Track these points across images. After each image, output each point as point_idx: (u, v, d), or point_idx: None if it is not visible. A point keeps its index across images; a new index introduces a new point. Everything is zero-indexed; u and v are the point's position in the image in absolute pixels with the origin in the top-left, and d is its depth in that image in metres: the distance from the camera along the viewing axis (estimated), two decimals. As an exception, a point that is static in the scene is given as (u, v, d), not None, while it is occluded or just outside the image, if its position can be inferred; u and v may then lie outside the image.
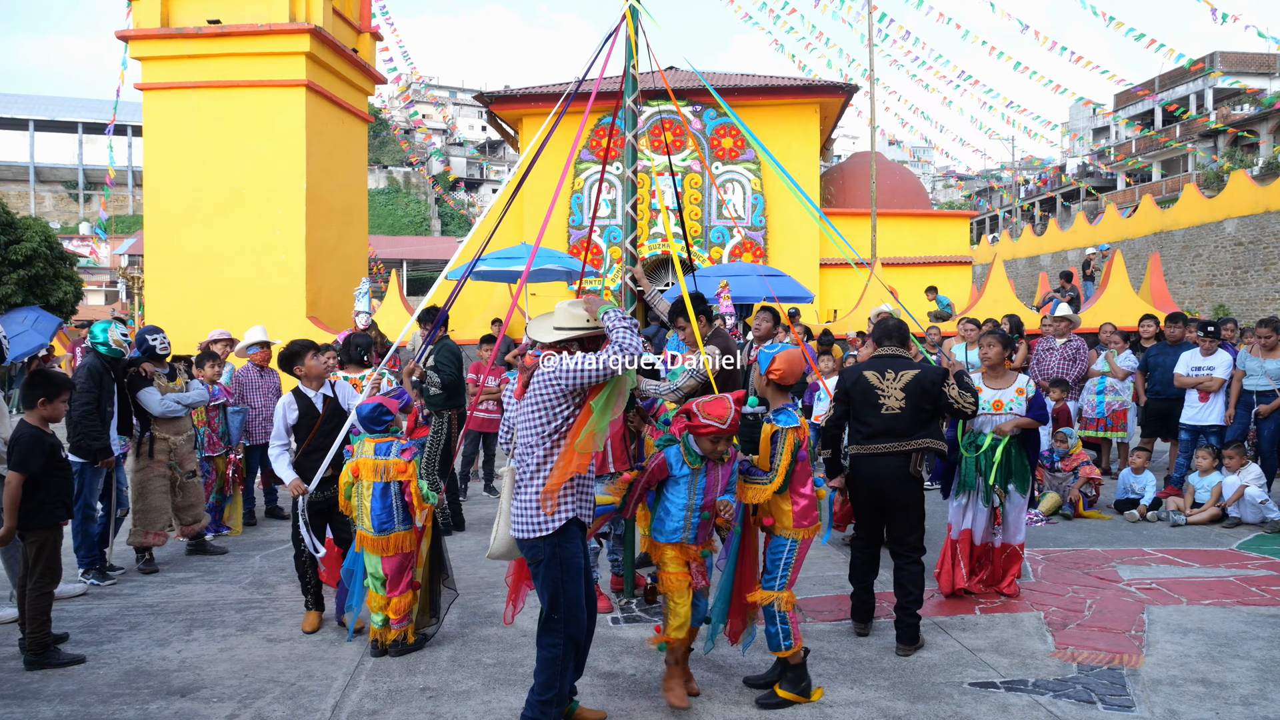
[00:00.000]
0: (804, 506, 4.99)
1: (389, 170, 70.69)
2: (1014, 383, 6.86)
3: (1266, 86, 41.35)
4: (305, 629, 6.13)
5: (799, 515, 4.98)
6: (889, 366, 5.97)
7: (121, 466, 7.82)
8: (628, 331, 4.31)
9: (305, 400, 6.33)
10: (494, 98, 20.74)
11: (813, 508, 5.03)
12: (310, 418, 6.27)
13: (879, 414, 5.84)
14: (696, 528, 4.84)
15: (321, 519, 6.25)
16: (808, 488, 5.02)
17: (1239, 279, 28.04)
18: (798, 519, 4.98)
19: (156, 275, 18.79)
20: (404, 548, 5.76)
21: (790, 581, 4.99)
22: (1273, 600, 6.62)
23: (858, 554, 6.09)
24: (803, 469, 5.00)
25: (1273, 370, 9.69)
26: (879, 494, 5.85)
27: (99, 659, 5.61)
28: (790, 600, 4.96)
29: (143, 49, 18.74)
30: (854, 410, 5.99)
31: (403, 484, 5.74)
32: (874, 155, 21.65)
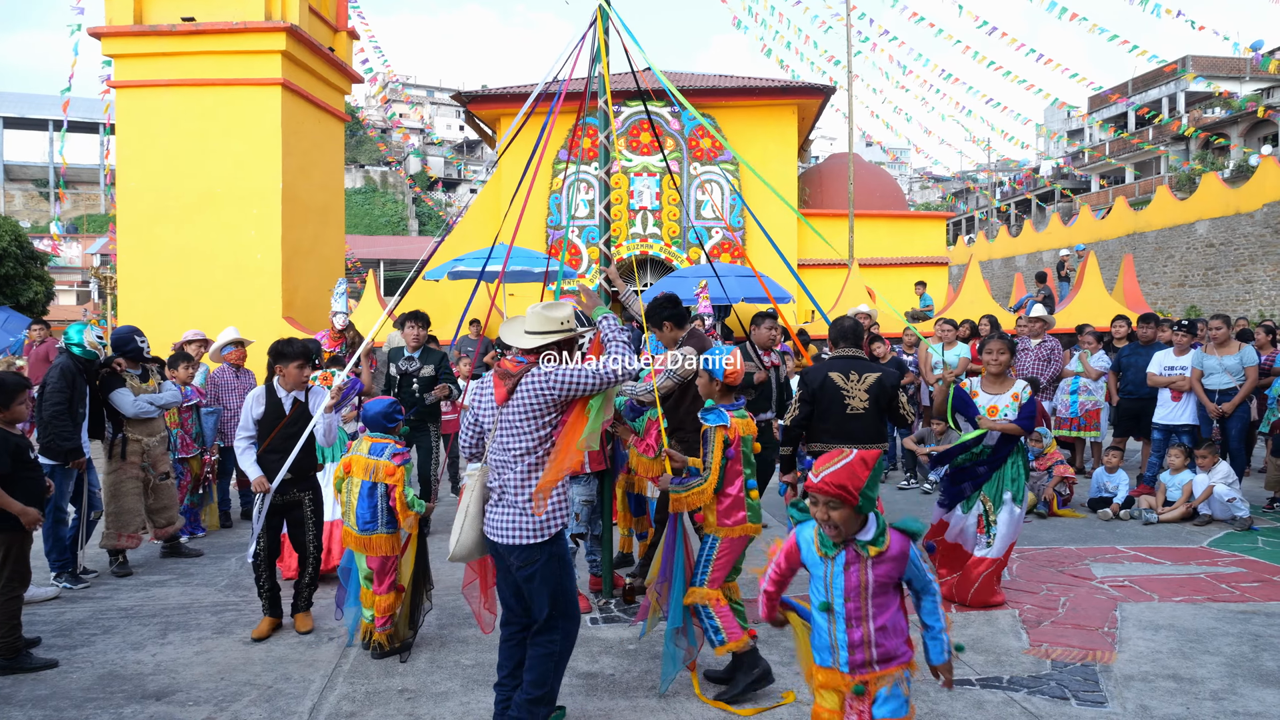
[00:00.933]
0: (727, 505, 5.04)
1: (366, 170, 70.41)
2: (1011, 388, 6.69)
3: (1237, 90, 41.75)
4: (254, 636, 5.95)
5: (722, 513, 5.05)
6: (852, 368, 6.26)
7: (93, 468, 7.76)
8: (624, 344, 4.44)
9: (274, 399, 6.19)
10: (471, 97, 20.71)
11: (737, 508, 5.05)
12: (275, 417, 6.14)
13: (844, 414, 6.18)
14: (849, 648, 3.46)
15: (278, 518, 6.15)
16: (734, 487, 5.05)
17: (1210, 280, 28.30)
18: (720, 517, 5.05)
19: (130, 275, 18.62)
20: (384, 550, 5.77)
21: (714, 579, 5.04)
22: (1242, 597, 6.71)
23: None
24: (731, 468, 5.04)
25: (1231, 365, 9.84)
26: None
27: (72, 663, 5.57)
28: (710, 596, 5.00)
29: (116, 46, 18.56)
30: (819, 410, 6.25)
31: (389, 487, 5.75)
32: (851, 156, 21.74)
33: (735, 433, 5.03)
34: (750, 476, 5.10)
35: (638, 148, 19.97)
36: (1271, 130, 37.98)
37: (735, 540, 5.08)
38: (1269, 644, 5.70)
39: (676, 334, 6.69)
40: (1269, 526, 9.01)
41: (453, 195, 73.58)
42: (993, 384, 6.77)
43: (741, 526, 5.06)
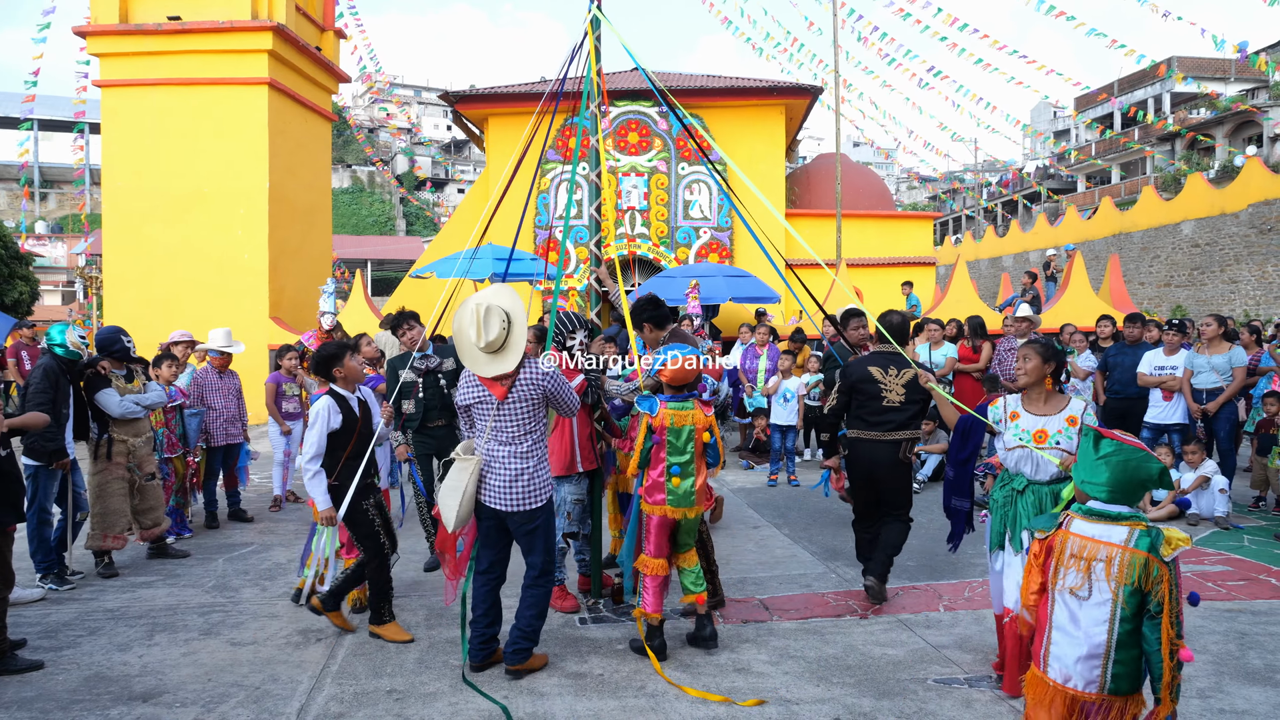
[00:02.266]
0: (648, 485, 5.63)
1: (353, 169, 70.23)
2: (1064, 408, 4.99)
3: (1222, 91, 41.98)
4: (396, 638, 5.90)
5: (644, 492, 5.65)
6: (891, 363, 6.53)
7: (78, 469, 7.71)
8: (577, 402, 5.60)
9: (345, 405, 5.89)
10: (460, 97, 20.66)
11: (657, 489, 5.59)
12: (351, 424, 5.87)
13: (880, 405, 6.46)
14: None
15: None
16: (656, 471, 5.59)
17: (1195, 280, 28.46)
18: (644, 494, 5.65)
19: (116, 275, 18.55)
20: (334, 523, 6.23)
21: (649, 549, 5.65)
22: (1229, 595, 6.74)
23: (861, 534, 6.75)
24: (655, 453, 5.60)
25: (1219, 365, 9.90)
26: (873, 475, 6.50)
27: (58, 665, 5.53)
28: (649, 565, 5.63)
29: (101, 45, 18.50)
30: (856, 400, 6.58)
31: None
32: (839, 157, 21.77)
33: (661, 422, 5.56)
34: (676, 464, 5.57)
35: (625, 148, 19.96)
36: (1256, 131, 38.20)
37: (655, 519, 5.61)
38: (1255, 642, 5.73)
39: (657, 335, 6.72)
40: (1254, 525, 9.05)
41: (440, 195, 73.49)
42: (1032, 401, 5.10)
43: (660, 507, 5.57)
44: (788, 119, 21.05)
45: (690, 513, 5.61)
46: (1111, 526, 3.41)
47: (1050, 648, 3.48)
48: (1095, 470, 3.45)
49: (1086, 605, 3.39)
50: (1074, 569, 3.40)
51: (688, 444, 5.58)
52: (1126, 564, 3.33)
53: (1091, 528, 3.43)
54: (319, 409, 5.80)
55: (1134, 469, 3.42)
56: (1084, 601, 3.39)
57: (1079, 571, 3.39)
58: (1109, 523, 3.43)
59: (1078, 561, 3.40)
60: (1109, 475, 3.43)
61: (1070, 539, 3.44)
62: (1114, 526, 3.41)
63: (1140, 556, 3.33)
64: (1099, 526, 3.42)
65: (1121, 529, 3.40)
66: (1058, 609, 3.46)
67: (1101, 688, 3.44)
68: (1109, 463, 3.44)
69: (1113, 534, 3.39)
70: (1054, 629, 3.46)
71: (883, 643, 5.80)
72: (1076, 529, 3.45)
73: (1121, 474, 3.42)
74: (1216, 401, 9.84)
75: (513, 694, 5.02)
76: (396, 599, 6.79)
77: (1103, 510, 3.45)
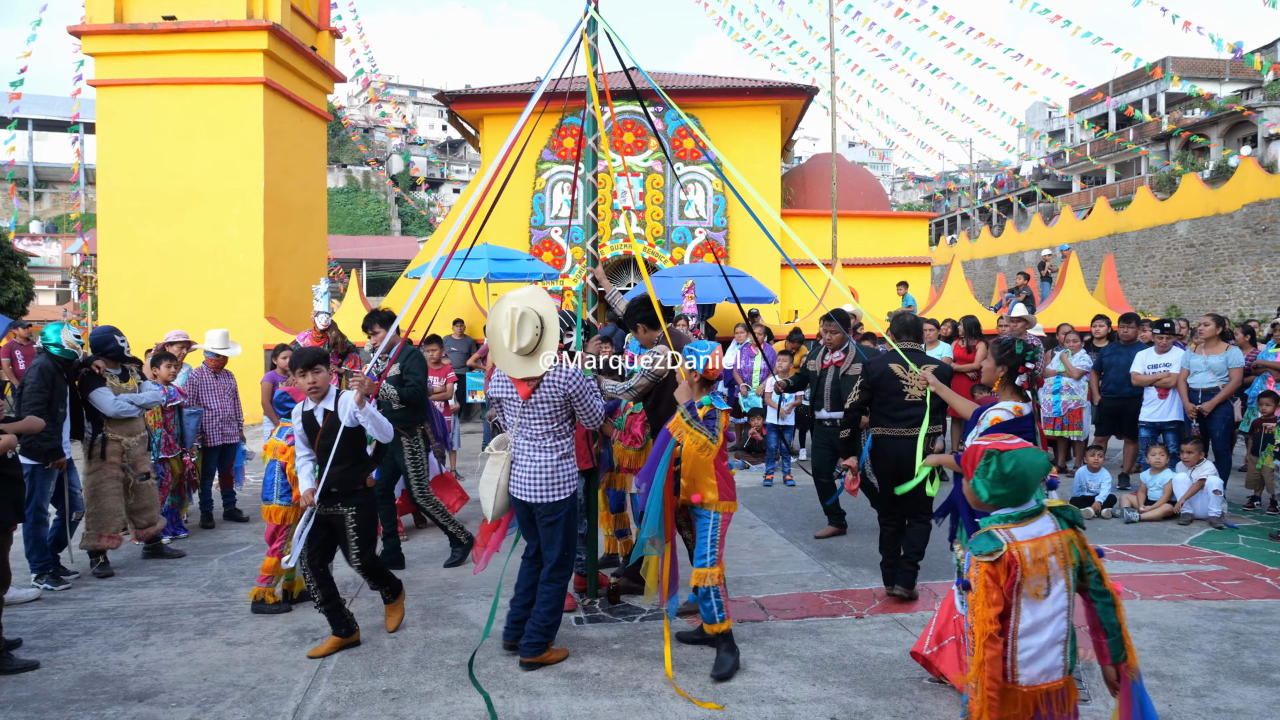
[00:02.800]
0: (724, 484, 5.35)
1: (348, 169, 70.19)
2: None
3: (1217, 91, 42.06)
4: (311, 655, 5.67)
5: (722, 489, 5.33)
6: (911, 360, 6.65)
7: (74, 469, 7.70)
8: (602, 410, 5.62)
9: (307, 411, 5.87)
10: (455, 97, 20.65)
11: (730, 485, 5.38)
12: (312, 430, 5.83)
13: (902, 401, 6.64)
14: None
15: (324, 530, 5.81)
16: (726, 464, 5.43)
17: (1190, 280, 28.52)
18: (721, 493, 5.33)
19: (111, 275, 18.53)
20: (274, 520, 6.62)
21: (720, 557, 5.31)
22: (1223, 595, 6.76)
23: (886, 527, 6.83)
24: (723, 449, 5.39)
25: (1215, 365, 9.94)
26: (898, 469, 6.52)
27: (54, 664, 5.53)
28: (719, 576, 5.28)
29: (96, 45, 18.48)
30: (878, 397, 6.73)
31: (283, 464, 6.46)
32: (834, 157, 21.78)
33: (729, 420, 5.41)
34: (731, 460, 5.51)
35: (621, 148, 19.95)
36: (1251, 131, 38.27)
37: (727, 518, 5.41)
38: (1250, 641, 5.75)
39: (652, 335, 6.72)
40: (1249, 525, 9.07)
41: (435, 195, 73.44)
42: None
43: (730, 503, 5.39)
44: (783, 119, 21.06)
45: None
46: (1037, 521, 3.50)
47: (1018, 656, 3.48)
48: (998, 487, 3.52)
49: (1045, 603, 3.45)
50: (1036, 573, 3.43)
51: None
52: (1068, 546, 3.48)
53: (1028, 529, 3.48)
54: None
55: (1028, 468, 3.50)
56: (1043, 600, 3.45)
57: (1040, 575, 3.43)
58: (1034, 518, 3.51)
59: (1039, 565, 3.42)
60: (1010, 490, 3.50)
61: (1024, 548, 3.43)
62: (1039, 520, 3.51)
63: (1069, 534, 3.51)
64: (1032, 525, 3.49)
65: (1045, 519, 3.51)
66: (1023, 618, 3.46)
67: (1065, 671, 3.54)
68: (1011, 480, 3.50)
69: (1044, 527, 3.49)
70: (1019, 638, 3.47)
71: (878, 642, 5.80)
72: (1022, 536, 3.46)
73: (1022, 480, 3.50)
74: (1212, 401, 9.89)
75: (509, 693, 5.02)
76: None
77: (1020, 512, 3.51)
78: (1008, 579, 3.39)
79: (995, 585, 3.38)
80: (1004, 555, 3.39)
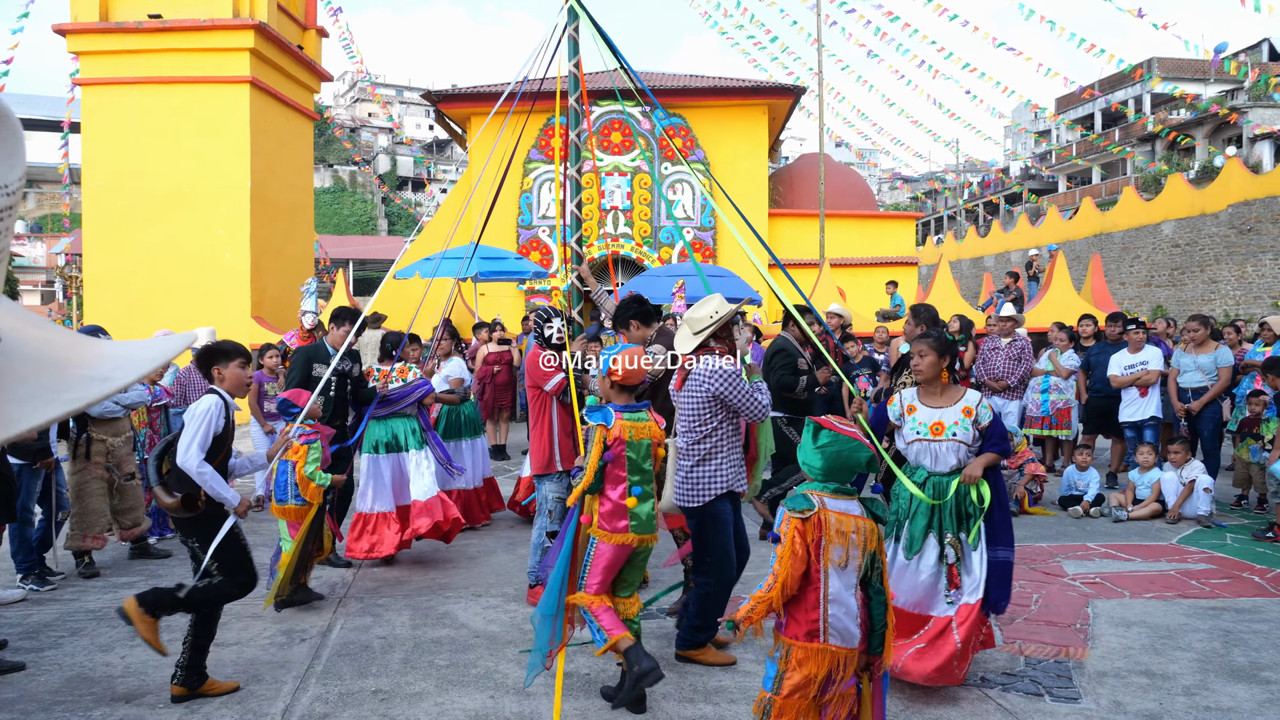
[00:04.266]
0: (608, 510, 4.84)
1: (334, 169, 69.93)
2: (959, 400, 5.17)
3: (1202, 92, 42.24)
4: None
5: (603, 517, 4.85)
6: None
7: (61, 469, 7.65)
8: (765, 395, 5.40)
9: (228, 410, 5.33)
10: (442, 96, 20.61)
11: (619, 515, 4.83)
12: (228, 434, 5.30)
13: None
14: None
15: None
16: (616, 493, 4.83)
17: (1175, 280, 28.62)
18: (602, 520, 4.85)
19: (96, 275, 18.42)
20: (289, 518, 6.57)
21: (591, 584, 4.84)
22: (1212, 593, 6.78)
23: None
24: (611, 471, 4.84)
25: (1205, 364, 9.99)
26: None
27: (39, 666, 5.48)
28: (589, 601, 4.83)
29: (81, 43, 18.36)
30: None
31: (294, 464, 6.46)
32: (822, 156, 21.80)
33: (618, 435, 4.82)
34: (637, 484, 4.86)
35: (609, 147, 19.94)
36: (1236, 132, 38.47)
37: (614, 547, 4.84)
38: (1239, 639, 5.76)
39: (645, 332, 6.68)
40: (1236, 524, 9.11)
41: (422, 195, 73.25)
42: (929, 394, 5.27)
43: (621, 535, 4.83)
44: (771, 119, 21.08)
45: (653, 539, 5.00)
46: (849, 502, 3.76)
47: (829, 620, 3.67)
48: (813, 456, 3.78)
49: (846, 574, 3.69)
50: (838, 544, 3.67)
51: (646, 459, 4.93)
52: (869, 532, 3.75)
53: (839, 503, 3.73)
54: (205, 407, 5.15)
55: (845, 458, 3.75)
56: (844, 571, 3.68)
57: (841, 545, 3.66)
58: (846, 498, 3.76)
59: (842, 537, 3.66)
60: (823, 462, 3.75)
61: (831, 516, 3.68)
62: (850, 501, 3.76)
63: (872, 525, 3.77)
64: (843, 502, 3.74)
65: (854, 503, 3.77)
66: (832, 582, 3.67)
67: (857, 641, 3.75)
68: (824, 452, 3.75)
69: (851, 507, 3.74)
70: (830, 602, 3.67)
71: (869, 641, 5.80)
72: (832, 506, 3.71)
73: (834, 461, 3.75)
74: (1201, 400, 9.93)
75: (499, 693, 5.00)
76: (380, 598, 6.77)
77: (836, 486, 3.78)
78: (813, 538, 3.64)
79: (801, 541, 3.63)
80: (813, 516, 3.64)
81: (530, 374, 6.67)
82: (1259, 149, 36.39)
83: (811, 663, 3.64)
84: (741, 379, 5.28)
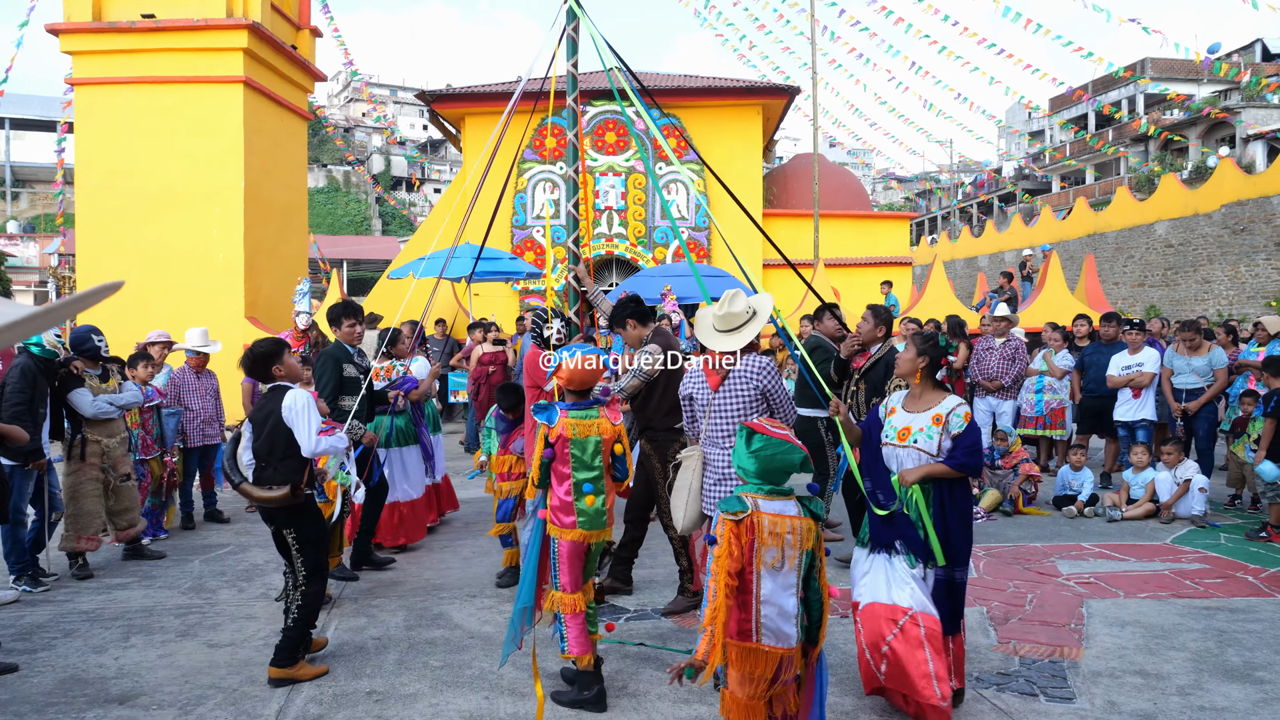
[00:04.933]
0: (555, 507, 4.94)
1: (328, 169, 69.82)
2: (934, 406, 4.89)
3: (1195, 92, 42.33)
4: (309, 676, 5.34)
5: (555, 511, 4.94)
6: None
7: (54, 470, 7.63)
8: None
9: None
10: (436, 96, 20.58)
11: (566, 511, 4.91)
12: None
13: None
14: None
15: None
16: (562, 489, 4.91)
17: (1169, 280, 28.69)
18: (554, 515, 4.95)
19: (89, 275, 18.36)
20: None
21: (564, 583, 4.93)
22: (1206, 593, 6.79)
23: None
24: (556, 469, 4.93)
25: (1199, 366, 10.02)
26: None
27: (33, 667, 5.47)
28: (565, 603, 4.90)
29: (74, 43, 18.30)
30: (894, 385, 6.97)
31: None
32: (816, 157, 21.81)
33: (560, 433, 4.88)
34: (586, 481, 4.92)
35: (603, 147, 19.94)
36: (1229, 132, 38.54)
37: (570, 544, 4.93)
38: (1233, 639, 5.77)
39: (641, 332, 6.67)
40: (1230, 523, 9.12)
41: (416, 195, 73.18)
42: (913, 399, 5.03)
43: (570, 530, 4.91)
44: (765, 119, 21.08)
45: (603, 535, 5.04)
46: (785, 502, 3.81)
47: (762, 621, 3.72)
48: (747, 460, 3.82)
49: (780, 575, 3.73)
50: (772, 545, 3.71)
51: (595, 457, 4.95)
52: (806, 532, 3.80)
53: (773, 504, 3.77)
54: (304, 401, 5.38)
55: (778, 460, 3.80)
56: (778, 572, 3.73)
57: (775, 547, 3.70)
58: (782, 499, 3.81)
59: (775, 538, 3.70)
60: (756, 465, 3.80)
61: (764, 518, 3.72)
62: (786, 502, 3.81)
63: (810, 523, 3.83)
64: (778, 503, 3.77)
65: (791, 503, 3.82)
66: (764, 584, 3.72)
67: (795, 641, 3.81)
68: (758, 456, 3.79)
69: (787, 508, 3.79)
70: (763, 603, 3.72)
71: (864, 641, 5.80)
72: (766, 508, 3.75)
73: (767, 464, 3.80)
74: (1198, 401, 9.96)
75: (494, 694, 5.00)
76: (374, 599, 6.76)
77: (771, 488, 3.82)
78: (747, 540, 3.67)
79: (736, 543, 3.66)
80: (746, 518, 3.68)
81: (529, 374, 6.66)
82: (1252, 149, 36.45)
83: (746, 661, 3.70)
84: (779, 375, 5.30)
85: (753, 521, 3.69)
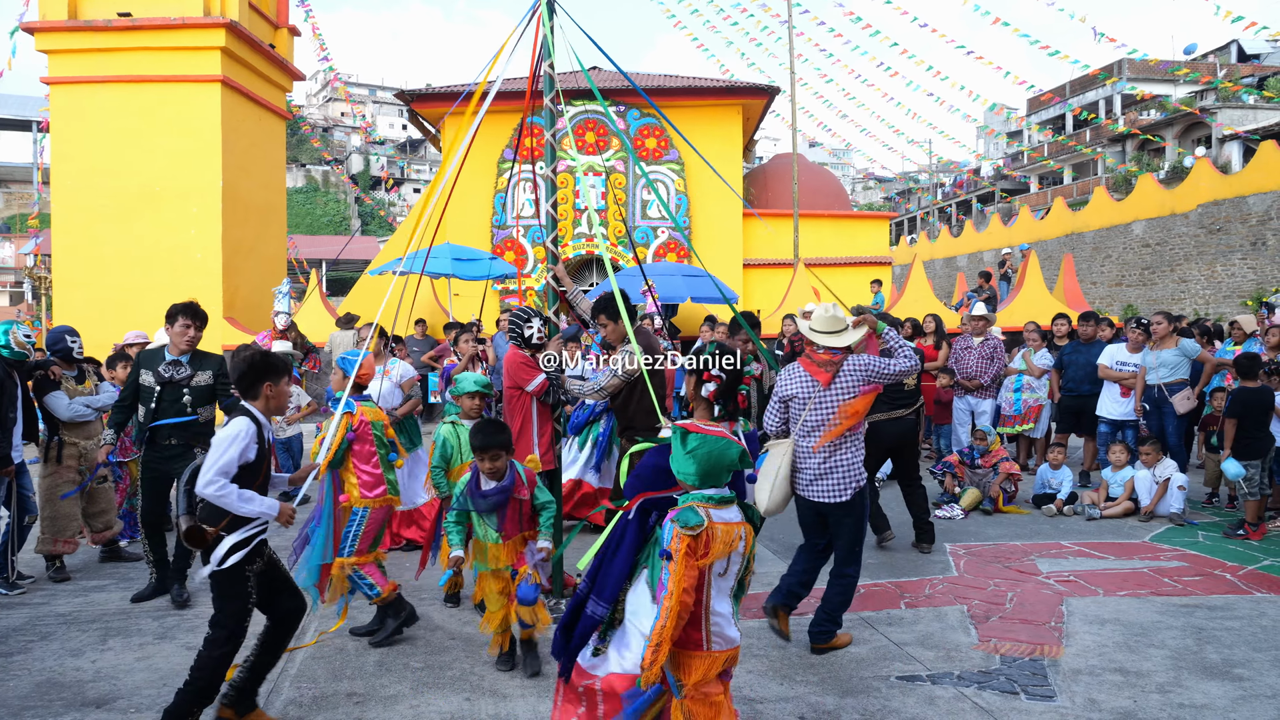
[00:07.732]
0: (368, 481, 5.81)
1: (307, 169, 69.51)
2: None
3: (1171, 92, 42.63)
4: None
5: (364, 487, 5.80)
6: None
7: (26, 471, 7.53)
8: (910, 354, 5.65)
9: (262, 434, 4.62)
10: (415, 96, 20.51)
11: (377, 484, 5.83)
12: (263, 458, 4.65)
13: (903, 390, 8.05)
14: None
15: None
16: (371, 464, 5.83)
17: (1146, 279, 28.88)
18: (364, 490, 5.80)
19: (66, 276, 18.23)
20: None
21: (360, 549, 5.78)
22: (1185, 590, 6.83)
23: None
24: (362, 449, 5.83)
25: (1166, 360, 10.05)
26: (901, 444, 8.12)
27: (8, 670, 5.41)
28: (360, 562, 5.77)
29: (49, 42, 18.17)
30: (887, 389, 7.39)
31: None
32: (795, 156, 21.84)
33: (363, 418, 5.86)
34: (391, 451, 5.99)
35: (583, 147, 19.90)
36: (1205, 132, 38.84)
37: (380, 509, 5.84)
38: (1212, 637, 5.81)
39: (617, 329, 6.68)
40: (1208, 521, 9.18)
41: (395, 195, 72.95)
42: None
43: (381, 498, 5.84)
44: (745, 119, 21.09)
45: (398, 501, 6.07)
46: (730, 509, 3.74)
47: (712, 630, 3.69)
48: (686, 463, 3.71)
49: (722, 582, 3.70)
50: (721, 555, 3.66)
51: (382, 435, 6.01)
52: (748, 536, 3.77)
53: (723, 513, 3.70)
54: (234, 432, 4.47)
55: (717, 458, 3.70)
56: (722, 579, 3.70)
57: (724, 557, 3.66)
58: (728, 505, 3.74)
59: (726, 547, 3.65)
60: (696, 466, 3.69)
61: (718, 528, 3.65)
62: (730, 508, 3.74)
63: (750, 529, 3.80)
64: (725, 511, 3.71)
65: (733, 509, 3.74)
66: (714, 594, 3.69)
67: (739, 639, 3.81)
68: (696, 455, 3.69)
69: (732, 515, 3.72)
70: (713, 614, 3.69)
71: (845, 640, 5.81)
72: (718, 518, 3.67)
73: (707, 463, 3.69)
74: (1198, 386, 10.17)
75: (475, 695, 4.98)
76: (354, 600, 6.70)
77: (720, 495, 3.72)
78: (702, 553, 3.61)
79: (693, 556, 3.57)
80: (703, 531, 3.59)
81: (511, 374, 6.62)
82: (1228, 149, 36.76)
83: (699, 668, 3.67)
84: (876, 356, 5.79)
85: (708, 534, 3.62)
